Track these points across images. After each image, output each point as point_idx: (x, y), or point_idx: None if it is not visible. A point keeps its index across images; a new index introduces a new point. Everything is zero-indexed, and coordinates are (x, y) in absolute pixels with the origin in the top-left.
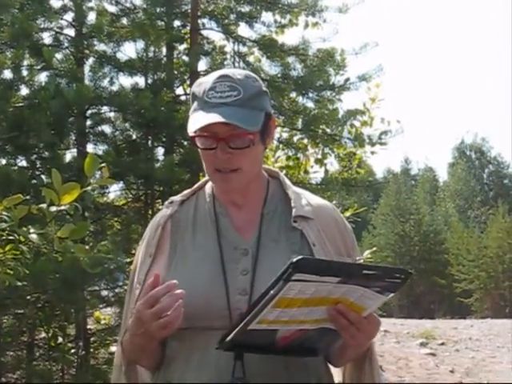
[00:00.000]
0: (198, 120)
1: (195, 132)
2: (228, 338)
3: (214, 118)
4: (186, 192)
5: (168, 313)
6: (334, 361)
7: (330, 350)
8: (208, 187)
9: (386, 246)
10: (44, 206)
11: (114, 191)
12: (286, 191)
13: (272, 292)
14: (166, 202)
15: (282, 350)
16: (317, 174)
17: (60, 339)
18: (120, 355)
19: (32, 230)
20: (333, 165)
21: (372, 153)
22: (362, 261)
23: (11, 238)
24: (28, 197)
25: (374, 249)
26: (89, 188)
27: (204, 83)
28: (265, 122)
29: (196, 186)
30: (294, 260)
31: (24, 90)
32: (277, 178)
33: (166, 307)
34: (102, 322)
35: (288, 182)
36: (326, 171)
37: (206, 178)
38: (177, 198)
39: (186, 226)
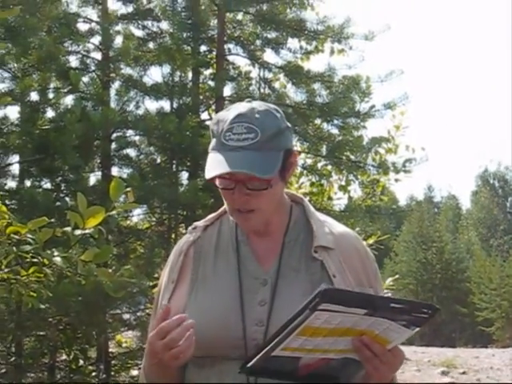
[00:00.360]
0: (213, 166)
1: (206, 176)
2: (250, 362)
3: (227, 167)
4: (210, 217)
5: (180, 343)
6: None
7: (353, 381)
8: None
9: (407, 274)
10: (68, 229)
11: (138, 215)
12: (308, 219)
13: (298, 320)
14: (190, 228)
15: (303, 378)
16: (340, 201)
17: (81, 362)
18: (143, 379)
19: (56, 253)
20: (356, 192)
21: (396, 180)
22: (389, 294)
23: (35, 260)
24: (53, 219)
25: (397, 276)
26: (114, 212)
27: (221, 122)
28: (284, 159)
29: (221, 210)
30: (322, 289)
31: (50, 113)
32: (300, 204)
33: (177, 338)
34: (124, 345)
35: (312, 208)
36: (350, 198)
37: None
38: (200, 223)
39: (209, 252)
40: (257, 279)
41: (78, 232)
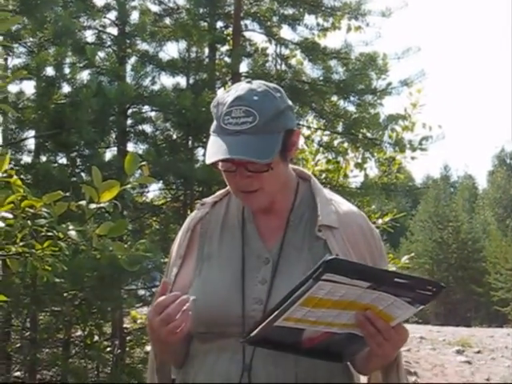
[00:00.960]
0: (213, 151)
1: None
2: (253, 332)
3: (226, 153)
4: (219, 193)
5: (175, 318)
6: (360, 368)
7: (357, 357)
8: None
9: (423, 253)
10: (83, 203)
11: (153, 191)
12: (314, 197)
13: (301, 290)
14: (198, 204)
15: (306, 351)
16: (356, 178)
17: (96, 337)
18: (152, 355)
19: (71, 227)
20: (372, 169)
21: (412, 158)
22: (393, 269)
23: (50, 234)
24: (67, 194)
25: (412, 254)
26: (128, 186)
27: (221, 105)
28: (285, 140)
29: (229, 187)
30: (327, 259)
31: (66, 88)
32: (308, 181)
33: (173, 313)
34: (139, 321)
35: (319, 185)
36: (366, 175)
37: None
38: (209, 199)
39: (215, 229)
40: (259, 258)
41: (92, 206)
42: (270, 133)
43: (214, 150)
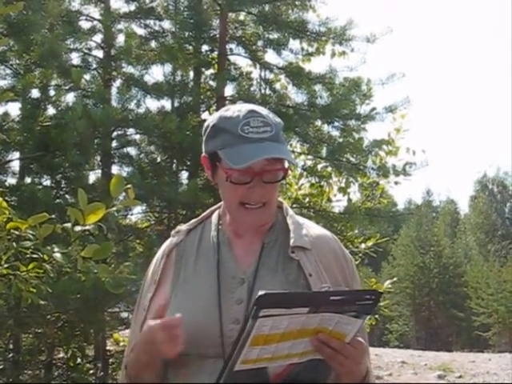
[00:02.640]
0: (244, 156)
1: (238, 166)
2: (219, 382)
3: (264, 153)
4: (192, 221)
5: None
6: None
7: (329, 380)
8: (214, 217)
9: (405, 277)
10: (69, 225)
11: (137, 213)
12: (287, 221)
13: (245, 332)
14: (173, 232)
15: None
16: (340, 203)
17: (79, 360)
18: (124, 377)
19: (56, 249)
20: (355, 194)
21: (396, 183)
22: (326, 288)
23: (35, 256)
24: (53, 216)
25: (395, 279)
26: (114, 209)
27: (233, 118)
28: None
29: (203, 215)
30: (257, 296)
31: (51, 110)
32: (280, 208)
33: (178, 334)
34: (121, 343)
35: (291, 211)
36: (349, 200)
37: (213, 207)
38: (183, 227)
39: (190, 254)
40: (234, 278)
41: (78, 228)
42: (283, 143)
43: (244, 155)
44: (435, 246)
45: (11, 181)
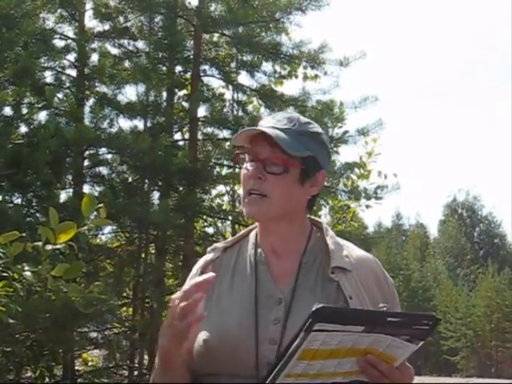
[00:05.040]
0: (245, 129)
1: (237, 145)
2: None
3: (258, 129)
4: (229, 239)
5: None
6: None
7: None
8: (252, 236)
9: None
10: (40, 244)
11: (108, 233)
12: (327, 242)
13: (295, 344)
14: (209, 248)
15: None
16: None
17: (47, 379)
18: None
19: (26, 268)
20: (326, 217)
21: (367, 206)
22: (384, 309)
23: (5, 274)
24: (23, 234)
25: None
26: (85, 228)
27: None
28: (309, 165)
29: (240, 234)
30: (314, 309)
31: (23, 128)
32: (320, 228)
33: (195, 303)
34: (90, 363)
35: (331, 232)
36: None
37: (251, 226)
38: (220, 244)
39: (226, 272)
40: (271, 298)
41: (49, 247)
42: (302, 143)
43: (245, 129)
44: (404, 270)
45: None
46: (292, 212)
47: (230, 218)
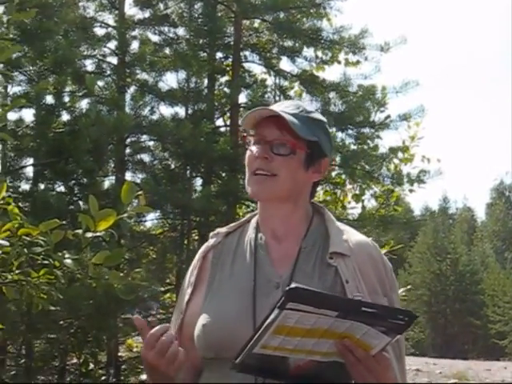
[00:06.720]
0: (253, 110)
1: (245, 127)
2: (237, 359)
3: (267, 111)
4: (232, 224)
5: (171, 346)
6: None
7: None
8: (254, 221)
9: (421, 285)
10: (80, 231)
11: (151, 220)
12: (327, 226)
13: (270, 318)
14: (211, 234)
15: (296, 378)
16: (354, 210)
17: (91, 366)
18: None
19: (67, 256)
20: (370, 201)
21: (410, 191)
22: (359, 298)
23: (46, 262)
24: (64, 222)
25: (409, 287)
26: (125, 215)
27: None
28: (314, 150)
29: (243, 219)
30: (288, 288)
31: (65, 116)
32: (322, 214)
33: (167, 341)
34: (134, 349)
35: (332, 217)
36: (363, 207)
37: (254, 212)
38: (222, 229)
39: (227, 257)
40: (270, 282)
41: (89, 235)
42: (308, 127)
43: (254, 110)
44: (452, 254)
45: (25, 187)
46: (297, 194)
47: None
